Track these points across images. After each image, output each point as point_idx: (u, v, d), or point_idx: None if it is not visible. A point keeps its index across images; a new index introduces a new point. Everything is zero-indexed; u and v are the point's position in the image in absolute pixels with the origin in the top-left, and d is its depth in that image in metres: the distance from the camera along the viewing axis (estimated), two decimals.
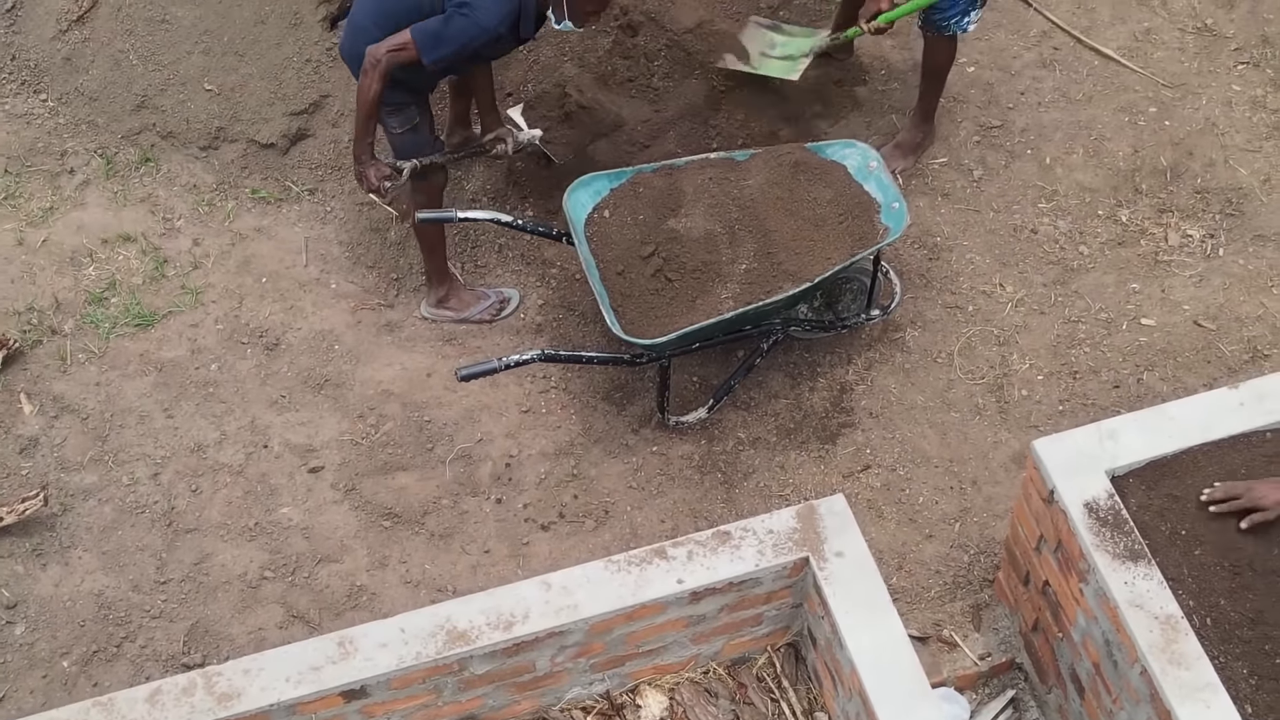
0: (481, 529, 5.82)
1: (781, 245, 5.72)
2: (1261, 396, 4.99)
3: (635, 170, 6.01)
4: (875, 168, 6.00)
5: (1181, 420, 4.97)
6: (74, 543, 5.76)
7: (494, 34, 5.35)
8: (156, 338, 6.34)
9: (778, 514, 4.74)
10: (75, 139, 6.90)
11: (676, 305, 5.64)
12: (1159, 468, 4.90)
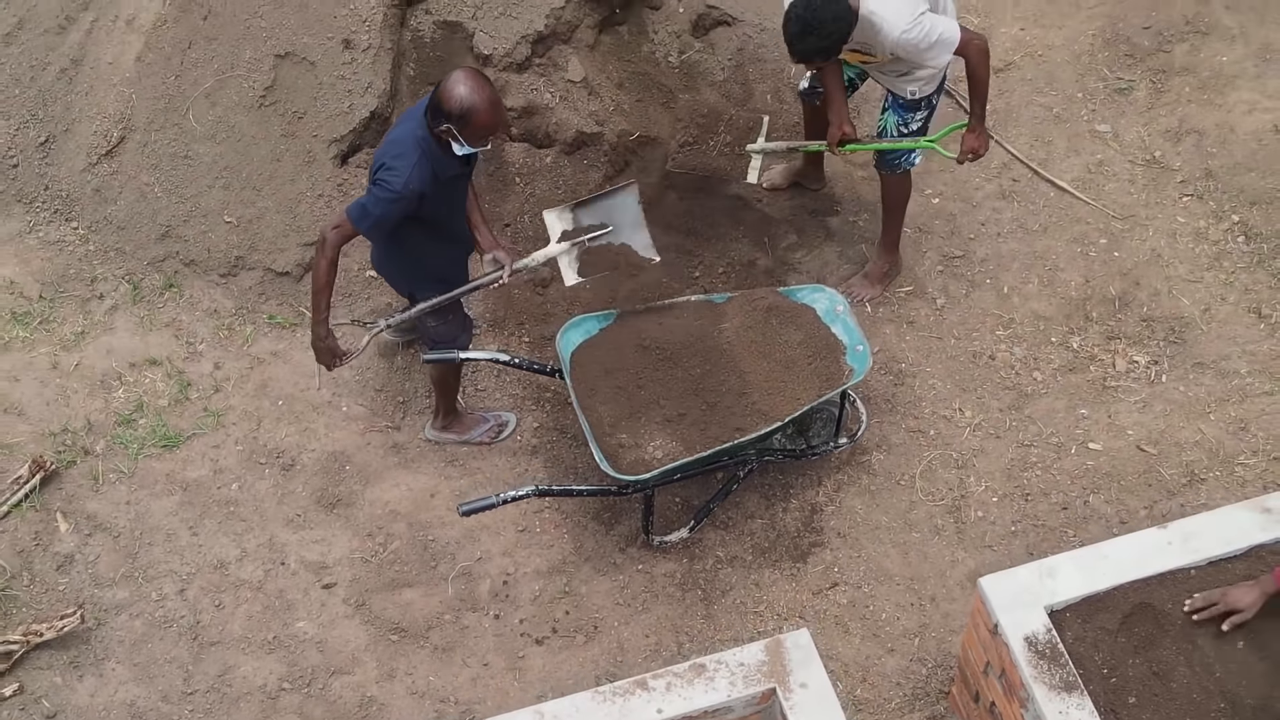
0: (481, 643, 6.33)
1: (756, 385, 6.26)
2: (1187, 537, 5.52)
3: (619, 312, 6.55)
4: (841, 311, 6.54)
5: (1115, 559, 5.50)
6: (107, 655, 6.27)
7: (409, 194, 5.71)
8: (181, 458, 6.85)
9: (748, 648, 5.25)
10: (104, 265, 7.42)
11: (661, 435, 6.17)
12: (1093, 602, 5.42)
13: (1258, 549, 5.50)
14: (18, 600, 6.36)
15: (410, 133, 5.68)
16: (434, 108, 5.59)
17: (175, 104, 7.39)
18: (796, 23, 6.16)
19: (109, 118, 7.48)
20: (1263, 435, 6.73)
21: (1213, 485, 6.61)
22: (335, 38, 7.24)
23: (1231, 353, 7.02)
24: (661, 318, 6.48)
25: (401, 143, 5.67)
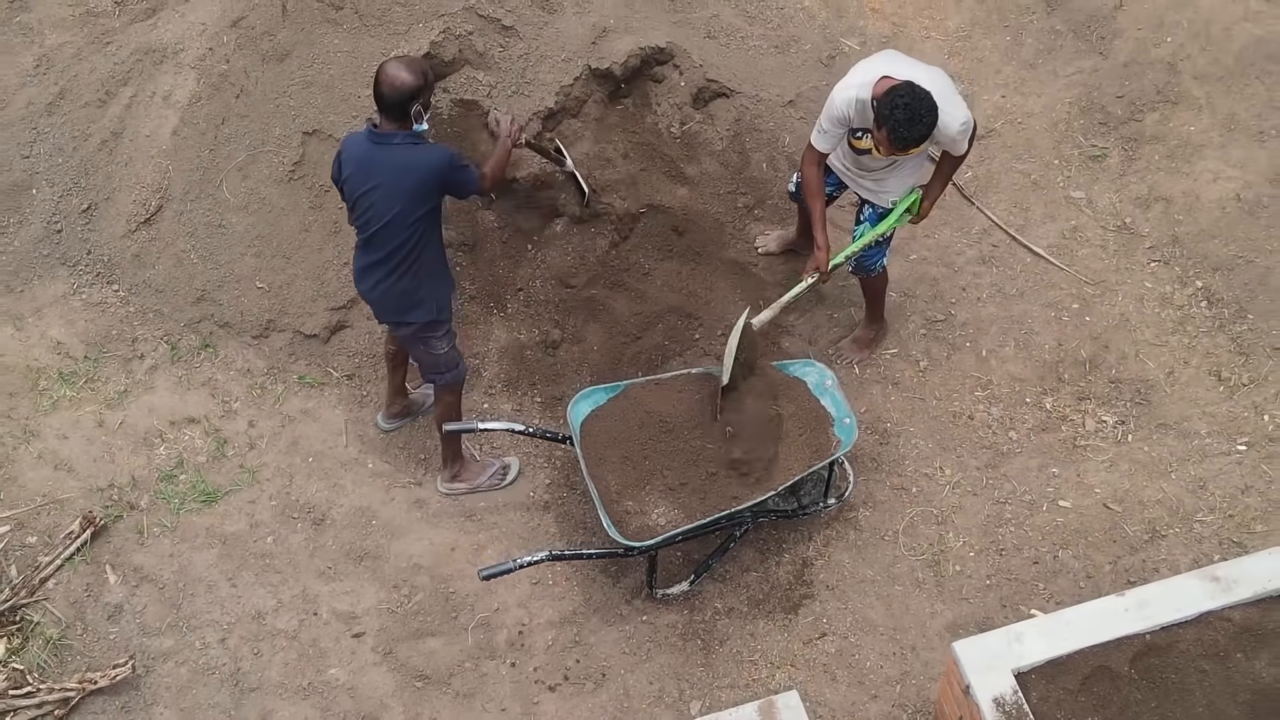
0: (499, 689, 6.87)
1: (765, 449, 6.80)
2: (1142, 604, 6.06)
3: (628, 384, 7.08)
4: (830, 385, 7.07)
5: (1076, 625, 6.04)
6: (156, 700, 6.80)
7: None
8: (220, 512, 7.39)
9: (743, 708, 5.80)
10: (144, 326, 7.94)
11: (664, 503, 6.72)
12: (1056, 665, 5.96)
13: (1206, 615, 6.04)
14: (72, 649, 6.91)
15: (405, 145, 6.49)
16: (403, 101, 6.43)
17: (209, 176, 7.91)
18: (906, 110, 6.45)
19: (147, 187, 7.99)
20: (1219, 493, 7.26)
21: (1172, 541, 7.14)
22: (359, 116, 7.74)
23: (1192, 414, 7.55)
24: (664, 390, 7.02)
25: (410, 151, 6.49)
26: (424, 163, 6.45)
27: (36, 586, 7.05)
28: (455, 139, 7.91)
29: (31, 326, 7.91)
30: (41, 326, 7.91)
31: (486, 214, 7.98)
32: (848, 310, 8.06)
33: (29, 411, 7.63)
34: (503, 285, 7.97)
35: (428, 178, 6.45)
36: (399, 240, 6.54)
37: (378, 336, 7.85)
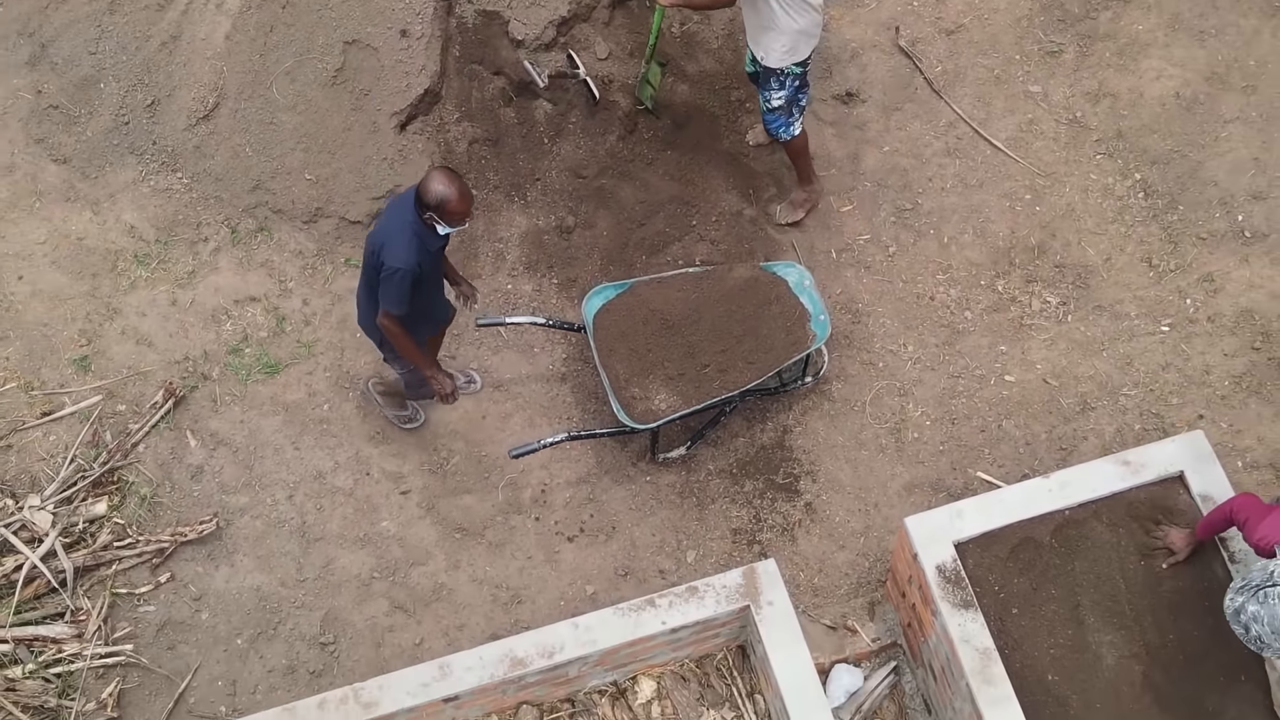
0: (525, 540, 8.06)
1: (739, 349, 7.85)
2: (1064, 485, 7.19)
3: (634, 282, 8.10)
4: (808, 285, 8.09)
5: (1008, 503, 7.18)
6: (236, 549, 8.00)
7: (415, 267, 7.06)
8: (282, 383, 8.46)
9: (729, 574, 6.98)
10: (206, 211, 8.88)
11: (665, 390, 7.81)
12: (990, 537, 7.12)
13: (1118, 494, 7.18)
14: (163, 505, 8.07)
15: (401, 220, 7.02)
16: (419, 200, 6.95)
17: (260, 78, 8.77)
18: None
19: (205, 86, 8.85)
20: (1143, 370, 8.33)
21: (1100, 413, 8.25)
22: (394, 27, 8.58)
23: (1125, 297, 8.56)
24: (666, 289, 8.03)
25: (395, 230, 7.02)
26: (381, 242, 7.09)
27: (129, 450, 8.18)
28: (478, 45, 8.77)
29: (107, 211, 8.86)
30: (116, 211, 8.86)
31: (507, 110, 8.89)
32: (827, 199, 8.96)
33: (110, 291, 8.65)
34: (522, 176, 8.91)
35: (374, 254, 7.14)
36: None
37: None
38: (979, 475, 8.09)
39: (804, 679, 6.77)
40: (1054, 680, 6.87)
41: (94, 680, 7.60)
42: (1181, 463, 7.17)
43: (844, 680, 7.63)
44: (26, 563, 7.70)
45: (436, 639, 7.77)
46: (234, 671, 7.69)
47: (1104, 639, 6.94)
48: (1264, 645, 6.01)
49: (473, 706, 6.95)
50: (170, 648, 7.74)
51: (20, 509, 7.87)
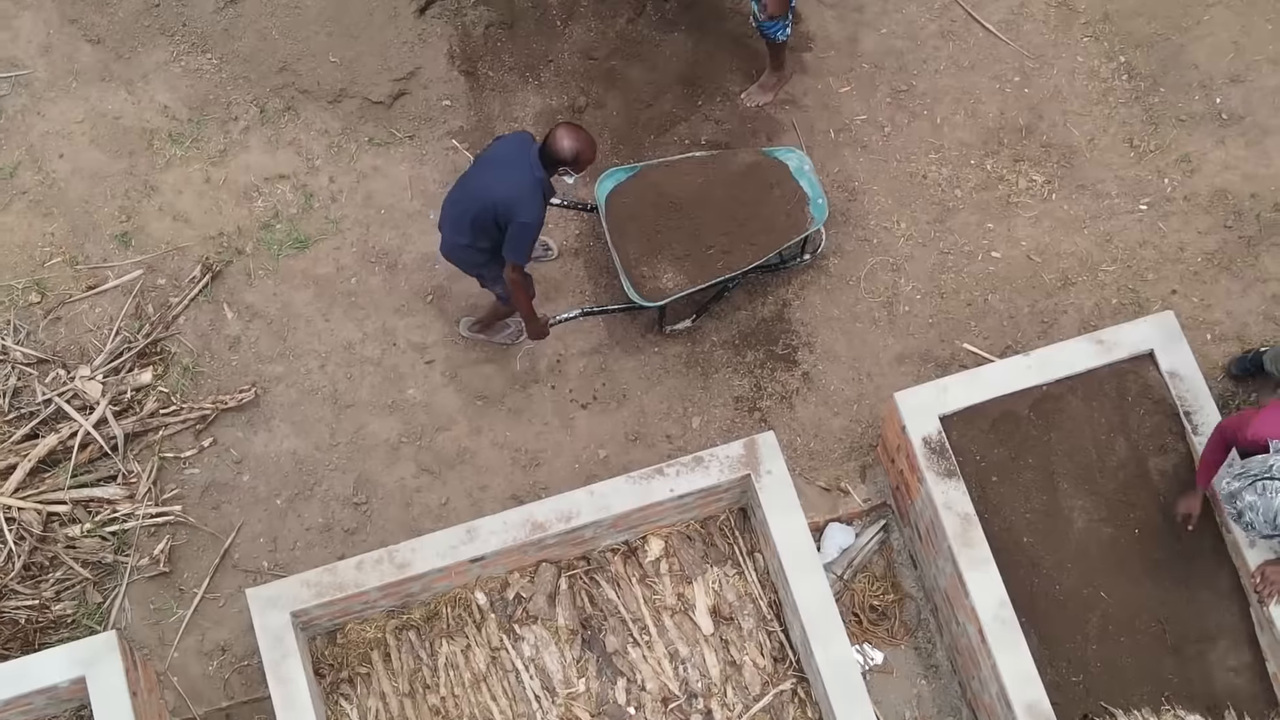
0: (542, 407, 8.56)
1: (742, 231, 8.26)
2: (1042, 362, 7.67)
3: (644, 165, 8.49)
4: (808, 169, 8.48)
5: (989, 379, 7.68)
6: (273, 415, 8.51)
7: (540, 224, 7.56)
8: (311, 258, 8.88)
9: (731, 445, 7.50)
10: (236, 91, 9.22)
11: (672, 270, 8.26)
12: (973, 410, 7.62)
13: (1093, 371, 7.68)
14: (204, 374, 8.57)
15: (529, 178, 7.39)
16: (549, 156, 7.36)
17: None
18: None
19: None
20: (1122, 246, 8.76)
21: (1080, 288, 8.69)
22: None
23: (1106, 177, 8.94)
24: (674, 172, 8.41)
25: (523, 188, 7.39)
26: (505, 199, 7.43)
27: (170, 323, 8.65)
28: None
29: (141, 91, 9.20)
30: (150, 91, 9.20)
31: None
32: (826, 80, 9.28)
33: (147, 169, 9.03)
34: (536, 58, 9.24)
35: (492, 208, 7.48)
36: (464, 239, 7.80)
37: (434, 103, 9.19)
38: (965, 347, 8.56)
39: (799, 541, 7.34)
40: (1029, 542, 7.44)
41: (146, 538, 8.17)
42: (1152, 342, 7.65)
43: (837, 537, 8.21)
44: (80, 430, 8.21)
45: (461, 499, 8.32)
46: (274, 529, 8.25)
47: (1076, 504, 7.49)
48: (1252, 529, 6.54)
49: (497, 565, 7.53)
50: (215, 507, 8.29)
51: (72, 379, 8.37)
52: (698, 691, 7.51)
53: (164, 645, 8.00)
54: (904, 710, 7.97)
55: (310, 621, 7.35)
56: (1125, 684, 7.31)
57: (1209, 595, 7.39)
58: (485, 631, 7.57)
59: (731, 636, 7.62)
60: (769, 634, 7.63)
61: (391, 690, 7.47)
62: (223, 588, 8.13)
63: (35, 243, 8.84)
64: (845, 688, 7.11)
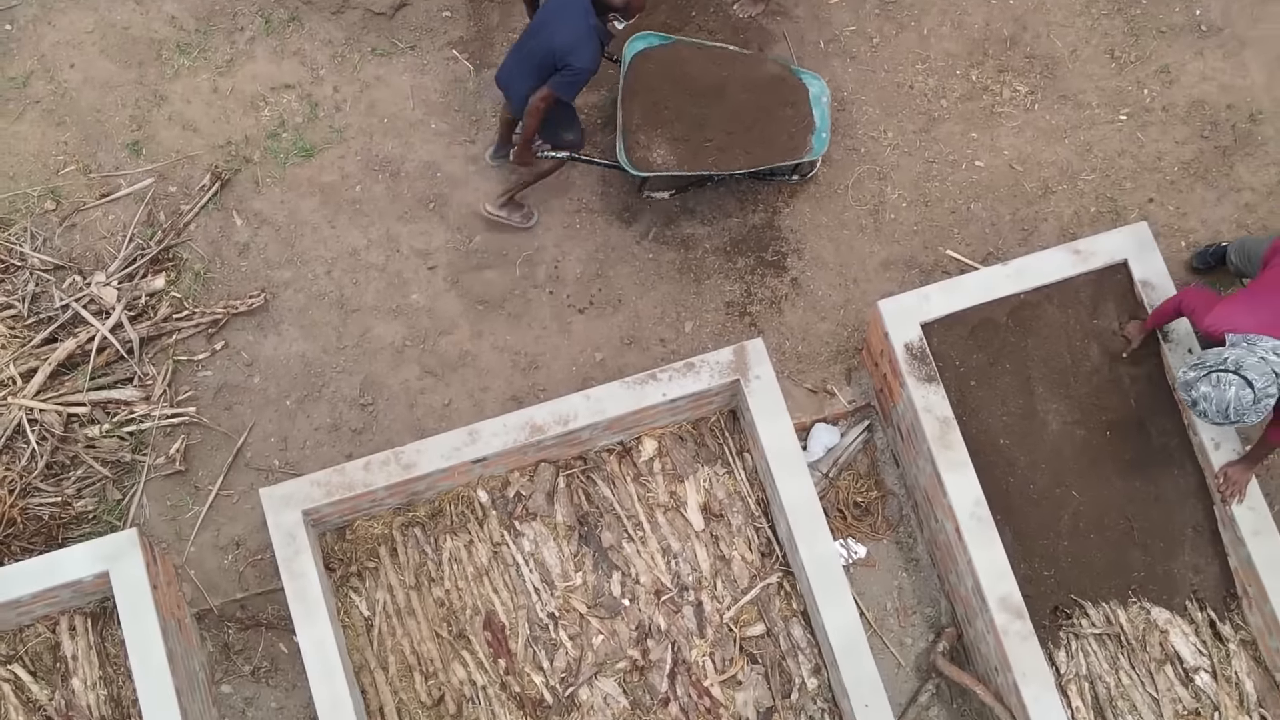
0: (541, 311, 8.82)
1: (743, 136, 8.40)
2: (1020, 271, 7.91)
3: (679, 40, 8.59)
4: (825, 101, 8.60)
5: (969, 288, 7.92)
6: (282, 320, 8.76)
7: (595, 70, 7.87)
8: (317, 166, 9.08)
9: (721, 351, 7.76)
10: (241, 2, 9.26)
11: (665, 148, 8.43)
12: (953, 318, 7.87)
13: (1068, 279, 7.92)
14: (215, 280, 8.81)
15: (584, 26, 7.76)
16: (601, 4, 7.72)
17: None
18: None
19: None
20: (1101, 156, 8.97)
21: (1060, 196, 8.91)
22: None
23: (1087, 87, 9.12)
24: (704, 57, 8.56)
25: (580, 36, 7.75)
26: (562, 45, 7.79)
27: (181, 230, 8.88)
28: None
29: (149, 1, 9.35)
30: (157, 2, 9.33)
31: None
32: None
33: (156, 79, 9.21)
34: None
35: (550, 54, 7.84)
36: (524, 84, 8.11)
37: (435, 14, 9.34)
38: (949, 253, 8.81)
39: (785, 443, 7.64)
40: (1005, 444, 7.74)
41: (162, 438, 8.47)
42: (1126, 251, 7.89)
43: (823, 437, 8.51)
44: (97, 334, 8.48)
45: (463, 400, 8.61)
46: (284, 429, 8.56)
47: (1050, 407, 7.78)
48: (1205, 418, 6.82)
49: (498, 465, 7.83)
50: (227, 408, 8.59)
51: (88, 285, 8.62)
52: (689, 584, 7.85)
53: (181, 540, 8.32)
54: (885, 601, 8.31)
55: (320, 519, 7.67)
56: (1094, 578, 7.65)
57: (1175, 495, 7.69)
58: (487, 528, 7.90)
59: (721, 532, 7.95)
60: (756, 530, 7.95)
61: (398, 583, 7.82)
62: (236, 485, 8.44)
63: (49, 151, 9.04)
64: (828, 581, 7.45)
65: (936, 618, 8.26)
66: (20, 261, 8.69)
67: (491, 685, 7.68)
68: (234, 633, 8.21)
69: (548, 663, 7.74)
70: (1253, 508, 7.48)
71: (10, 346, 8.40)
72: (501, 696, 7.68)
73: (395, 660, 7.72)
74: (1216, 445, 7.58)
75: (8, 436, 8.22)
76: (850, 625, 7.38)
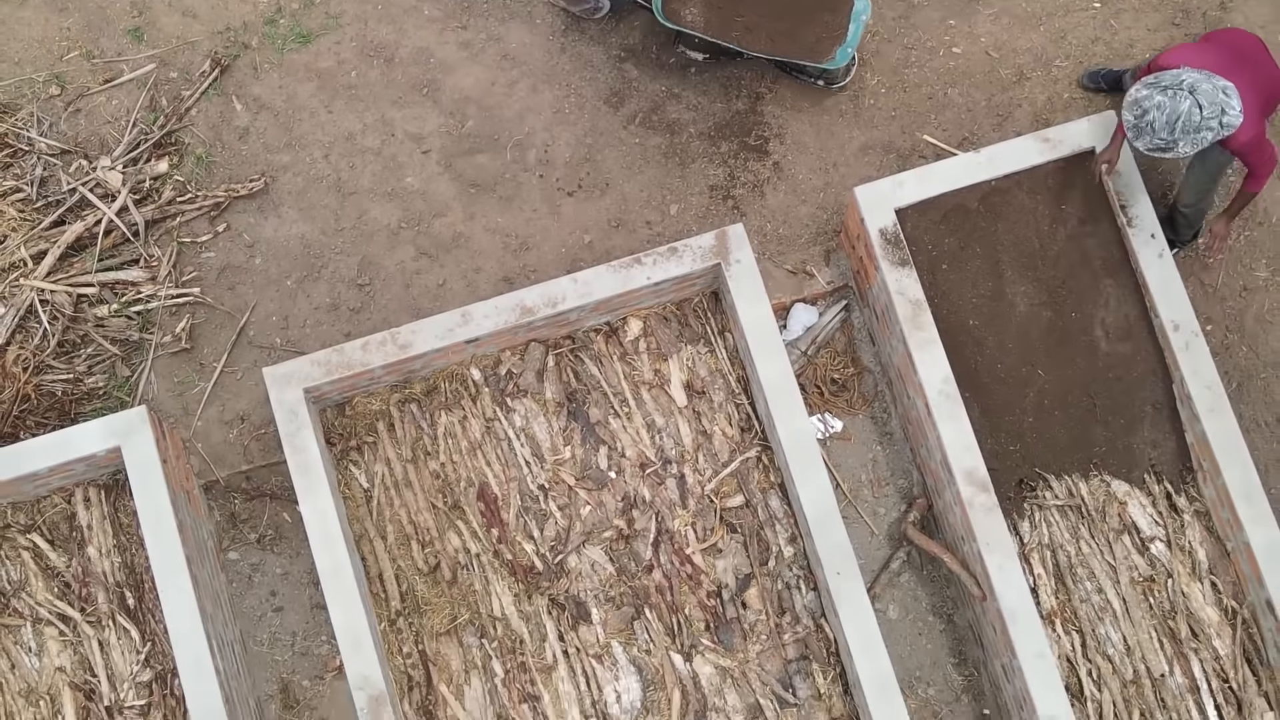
0: (531, 194, 9.03)
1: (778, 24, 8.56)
2: (991, 159, 8.11)
3: None
4: (865, 18, 8.59)
5: (942, 175, 8.13)
6: (282, 203, 8.99)
7: None
8: (313, 52, 9.21)
9: (704, 235, 8.00)
10: None
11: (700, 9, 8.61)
12: (926, 204, 8.08)
13: (1038, 166, 8.13)
14: (216, 164, 9.01)
15: None
16: None
17: None
18: None
19: None
20: (1075, 43, 9.11)
21: (1034, 82, 9.06)
22: None
23: None
24: None
25: None
26: None
27: (183, 115, 9.06)
28: None
29: None
30: None
31: None
32: None
33: None
34: None
35: None
36: None
37: None
38: (925, 138, 9.00)
39: (764, 325, 7.91)
40: (974, 324, 8.01)
41: (168, 317, 8.74)
42: (1093, 139, 8.08)
43: (802, 317, 8.78)
44: (104, 217, 8.71)
45: (457, 280, 8.87)
46: (285, 309, 8.82)
47: (1018, 290, 8.04)
48: (1150, 132, 7.10)
49: (490, 345, 8.11)
50: (230, 288, 8.85)
51: (94, 169, 8.84)
52: (672, 458, 8.18)
53: (188, 415, 8.63)
54: (860, 473, 8.64)
55: (321, 396, 7.97)
56: (1057, 452, 7.96)
57: (1136, 374, 7.97)
58: (480, 404, 8.21)
59: (703, 409, 8.26)
60: (737, 406, 8.26)
61: (395, 456, 8.15)
62: (240, 362, 8.73)
63: (52, 37, 9.19)
64: (803, 456, 7.76)
65: (908, 489, 8.58)
66: (27, 146, 8.89)
67: (485, 553, 8.04)
68: (240, 503, 8.53)
69: (538, 532, 8.08)
70: (1209, 387, 7.76)
71: (21, 229, 8.64)
72: (494, 563, 8.03)
73: (393, 529, 8.07)
74: (1175, 327, 7.84)
75: (21, 316, 8.49)
76: (824, 498, 7.70)
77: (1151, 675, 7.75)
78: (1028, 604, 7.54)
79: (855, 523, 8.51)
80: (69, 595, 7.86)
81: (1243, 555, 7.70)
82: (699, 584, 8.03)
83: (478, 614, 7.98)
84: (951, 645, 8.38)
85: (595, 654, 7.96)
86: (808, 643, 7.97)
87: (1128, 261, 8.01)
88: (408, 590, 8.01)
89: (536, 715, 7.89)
